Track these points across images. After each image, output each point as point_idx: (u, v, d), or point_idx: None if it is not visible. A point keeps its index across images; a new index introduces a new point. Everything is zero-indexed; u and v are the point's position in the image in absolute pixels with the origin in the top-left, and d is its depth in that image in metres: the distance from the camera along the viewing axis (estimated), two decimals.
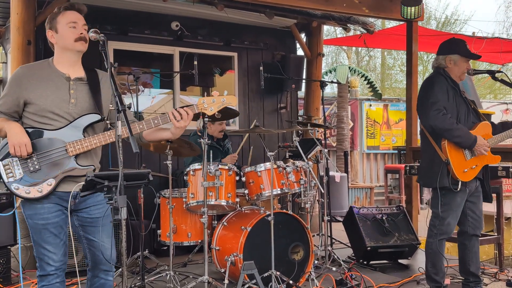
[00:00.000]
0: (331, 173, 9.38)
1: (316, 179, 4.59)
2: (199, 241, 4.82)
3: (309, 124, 5.03)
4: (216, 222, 4.81)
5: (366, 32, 7.61)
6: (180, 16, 6.88)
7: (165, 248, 4.99)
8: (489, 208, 7.03)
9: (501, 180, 5.20)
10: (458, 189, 3.98)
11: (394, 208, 5.82)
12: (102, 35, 2.79)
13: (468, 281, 4.29)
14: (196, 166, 4.48)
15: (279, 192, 4.57)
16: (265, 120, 7.65)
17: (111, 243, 2.98)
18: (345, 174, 9.41)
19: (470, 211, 4.21)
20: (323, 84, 5.59)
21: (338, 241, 6.20)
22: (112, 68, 2.80)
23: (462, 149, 4.01)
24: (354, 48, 17.63)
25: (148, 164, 5.37)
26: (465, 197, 4.10)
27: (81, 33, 2.94)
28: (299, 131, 6.26)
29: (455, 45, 4.13)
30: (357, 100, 11.77)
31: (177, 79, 7.00)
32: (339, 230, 6.50)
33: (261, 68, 5.36)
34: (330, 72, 10.68)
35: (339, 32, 15.28)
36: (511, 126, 4.20)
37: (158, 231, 4.89)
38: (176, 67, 7.01)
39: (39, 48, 5.65)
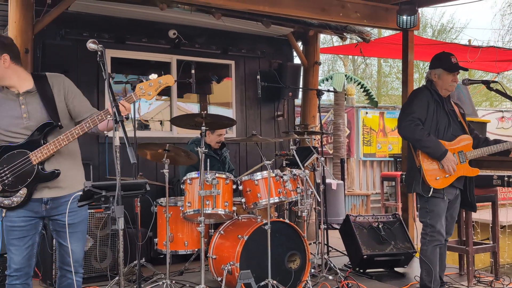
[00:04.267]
0: (327, 180, 9.39)
1: (313, 187, 4.60)
2: (196, 249, 4.82)
3: (306, 133, 5.04)
4: (213, 230, 4.81)
5: (362, 41, 7.65)
6: (177, 24, 6.90)
7: (162, 256, 5.00)
8: (484, 216, 7.08)
9: (496, 188, 5.22)
10: (429, 195, 4.14)
11: (390, 216, 5.84)
12: (101, 45, 2.83)
13: None
14: (193, 174, 4.50)
15: (276, 200, 4.59)
16: (262, 128, 7.67)
17: (81, 248, 3.23)
18: (342, 182, 9.41)
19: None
20: (319, 93, 5.62)
21: (335, 249, 6.21)
22: (110, 78, 2.84)
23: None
24: (350, 56, 17.71)
25: (145, 172, 5.40)
26: (447, 203, 4.26)
27: None
28: (296, 139, 6.27)
29: (438, 60, 4.33)
30: (353, 108, 11.81)
31: (174, 87, 7.01)
32: (335, 238, 6.51)
33: (258, 76, 5.39)
34: (327, 80, 10.73)
35: (335, 40, 15.36)
36: (492, 144, 4.34)
37: (155, 239, 4.89)
38: (174, 75, 7.02)
39: (36, 57, 5.67)
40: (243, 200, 4.64)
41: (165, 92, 7.14)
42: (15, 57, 3.08)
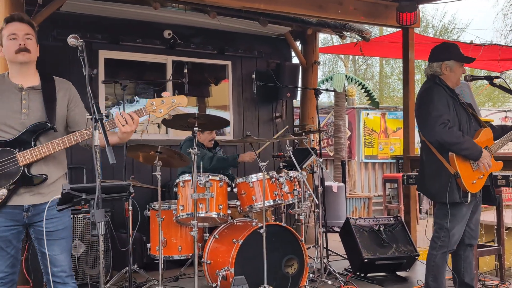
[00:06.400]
0: (328, 183, 9.23)
1: (311, 189, 4.44)
2: (190, 254, 4.67)
3: (303, 133, 4.88)
4: (208, 234, 4.66)
5: (362, 39, 7.49)
6: (172, 24, 6.77)
7: (156, 262, 4.83)
8: (489, 217, 6.89)
9: (501, 189, 5.05)
10: (468, 201, 3.84)
11: (391, 219, 5.67)
12: (81, 40, 2.70)
13: None
14: (186, 177, 4.35)
15: (271, 203, 4.44)
16: (260, 130, 7.52)
17: (67, 256, 3.00)
18: (343, 184, 9.25)
19: (469, 221, 4.07)
20: (317, 92, 5.46)
21: (335, 253, 6.05)
22: (92, 75, 2.70)
23: (469, 160, 3.88)
24: (351, 57, 17.52)
25: (139, 175, 5.25)
26: (471, 208, 3.97)
27: (20, 44, 2.91)
28: (295, 141, 6.09)
29: (449, 51, 4.01)
30: (354, 109, 11.63)
31: (169, 88, 6.87)
32: (336, 241, 6.33)
33: (254, 76, 5.23)
34: (327, 80, 10.55)
35: (336, 40, 15.19)
36: (510, 129, 4.07)
37: (148, 244, 4.74)
38: (169, 76, 6.89)
39: None
40: (238, 203, 4.49)
41: (160, 94, 6.99)
42: None
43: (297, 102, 8.40)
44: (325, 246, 5.55)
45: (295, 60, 7.92)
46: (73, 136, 2.84)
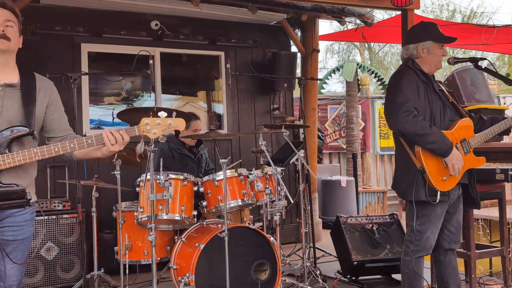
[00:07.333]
0: (336, 177, 8.82)
1: (285, 187, 4.05)
2: (159, 258, 4.36)
3: (283, 126, 4.48)
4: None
5: (364, 24, 7.03)
6: (159, 14, 6.46)
7: (130, 265, 4.55)
8: (496, 213, 6.36)
9: (503, 184, 4.56)
10: (437, 201, 3.38)
11: (386, 217, 5.25)
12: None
13: None
14: (148, 176, 4.02)
15: (239, 203, 4.08)
16: (257, 123, 7.15)
17: (20, 271, 2.65)
18: (352, 178, 8.81)
19: (448, 223, 3.62)
20: (300, 82, 5.06)
21: (328, 253, 5.65)
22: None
23: None
24: (366, 44, 16.88)
25: (108, 175, 4.87)
26: (446, 207, 3.52)
27: None
28: (284, 134, 5.59)
29: (425, 30, 3.55)
30: (368, 99, 11.10)
31: (158, 81, 6.58)
32: None
33: (228, 65, 4.86)
34: (338, 69, 10.10)
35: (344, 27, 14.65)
36: (489, 123, 3.60)
37: (115, 248, 4.46)
38: (157, 69, 6.60)
39: None
40: (204, 203, 4.15)
41: (149, 87, 6.72)
42: None
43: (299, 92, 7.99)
44: (316, 246, 5.19)
45: (294, 49, 7.50)
46: (54, 147, 2.52)
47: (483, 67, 3.51)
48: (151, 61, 4.44)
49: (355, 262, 4.79)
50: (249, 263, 3.97)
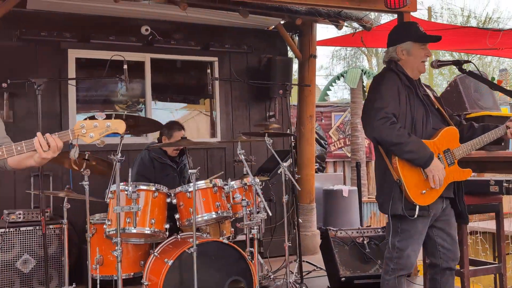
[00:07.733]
0: (338, 187, 8.56)
1: (263, 199, 3.82)
2: (132, 273, 4.15)
3: (266, 135, 4.26)
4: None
5: (363, 29, 6.78)
6: (150, 19, 6.28)
7: (105, 280, 4.34)
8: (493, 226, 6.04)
9: (501, 196, 4.27)
10: (415, 216, 3.12)
11: (379, 230, 4.99)
12: None
13: None
14: (115, 187, 3.82)
15: (213, 216, 3.86)
16: (252, 131, 6.91)
17: None
18: (355, 188, 8.52)
19: (440, 239, 3.35)
20: (287, 88, 4.83)
21: (319, 267, 5.39)
22: None
23: None
24: (374, 50, 16.53)
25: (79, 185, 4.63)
26: (428, 222, 3.25)
27: None
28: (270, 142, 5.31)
29: (404, 31, 3.32)
30: None
31: (148, 88, 6.41)
32: None
33: (208, 71, 4.65)
34: (342, 76, 9.84)
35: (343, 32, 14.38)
36: (480, 132, 3.32)
37: (87, 262, 4.26)
38: (148, 75, 6.43)
39: None
40: (177, 216, 3.93)
41: (142, 94, 6.55)
42: None
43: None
44: (307, 260, 4.94)
45: (291, 55, 7.28)
46: None
47: (467, 70, 3.25)
48: (125, 66, 4.24)
49: (343, 278, 4.55)
50: (222, 280, 3.74)
